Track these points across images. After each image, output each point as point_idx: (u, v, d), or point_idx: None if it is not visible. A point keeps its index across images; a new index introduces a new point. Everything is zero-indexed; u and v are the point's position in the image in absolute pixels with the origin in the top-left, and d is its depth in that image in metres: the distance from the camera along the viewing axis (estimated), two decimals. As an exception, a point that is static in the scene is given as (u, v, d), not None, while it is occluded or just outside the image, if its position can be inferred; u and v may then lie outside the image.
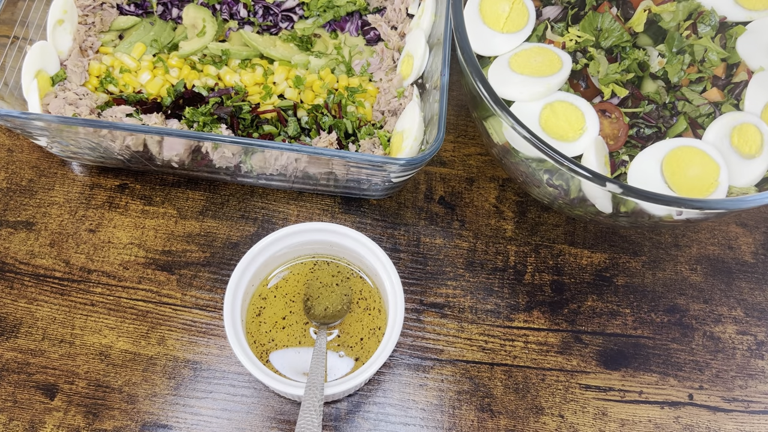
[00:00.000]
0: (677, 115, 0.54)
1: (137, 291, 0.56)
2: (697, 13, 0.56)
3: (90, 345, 0.54)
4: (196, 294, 0.56)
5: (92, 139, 0.53)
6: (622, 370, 0.55)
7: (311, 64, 0.62)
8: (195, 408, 0.52)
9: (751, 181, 0.51)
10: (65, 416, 0.52)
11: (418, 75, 0.59)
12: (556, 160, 0.44)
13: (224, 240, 0.59)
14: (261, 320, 0.51)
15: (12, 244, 0.58)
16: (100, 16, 0.63)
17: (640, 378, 0.55)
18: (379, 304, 0.52)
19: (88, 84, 0.60)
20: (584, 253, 0.60)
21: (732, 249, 0.61)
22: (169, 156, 0.55)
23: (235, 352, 0.46)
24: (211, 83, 0.60)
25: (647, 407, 0.54)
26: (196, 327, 0.55)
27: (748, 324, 0.58)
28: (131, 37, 0.62)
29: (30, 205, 0.60)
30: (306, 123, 0.58)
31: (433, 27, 0.60)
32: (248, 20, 0.64)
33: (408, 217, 0.60)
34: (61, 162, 0.62)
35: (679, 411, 0.54)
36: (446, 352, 0.55)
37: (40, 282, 0.57)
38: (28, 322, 0.55)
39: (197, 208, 0.60)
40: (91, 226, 0.59)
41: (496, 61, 0.54)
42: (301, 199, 0.61)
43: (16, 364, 0.53)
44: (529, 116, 0.51)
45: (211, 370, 0.54)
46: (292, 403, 0.53)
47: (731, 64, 0.55)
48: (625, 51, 0.55)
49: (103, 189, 0.61)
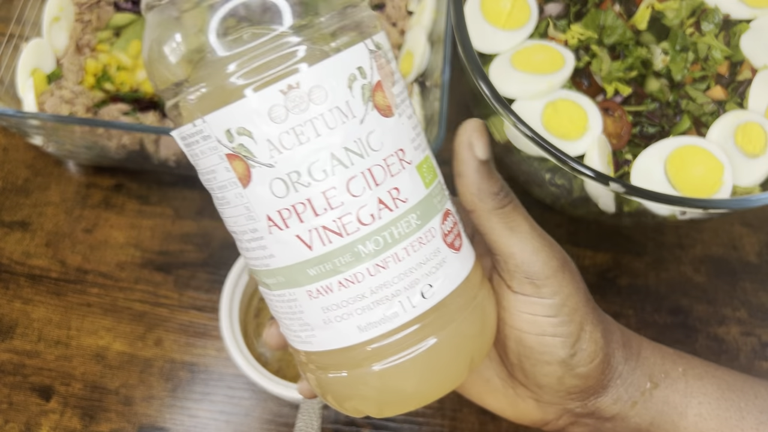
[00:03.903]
0: (681, 114, 0.53)
1: (134, 292, 0.56)
2: (700, 11, 0.56)
3: (86, 346, 0.54)
4: (193, 295, 0.56)
5: (88, 137, 0.53)
6: (624, 371, 0.55)
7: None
8: (192, 410, 0.52)
9: (755, 180, 0.51)
10: (61, 418, 0.51)
11: (419, 73, 0.59)
12: (559, 158, 0.43)
13: (222, 240, 0.58)
14: (259, 322, 0.50)
15: (7, 244, 0.57)
16: (97, 13, 0.62)
17: (643, 380, 0.55)
18: (379, 305, 0.51)
19: (85, 82, 0.59)
20: (587, 253, 0.59)
21: (736, 249, 0.60)
22: (165, 155, 0.55)
23: (233, 354, 0.45)
24: (208, 81, 0.60)
25: (650, 409, 0.54)
26: (194, 328, 0.55)
27: (752, 325, 0.57)
28: (127, 34, 0.62)
29: (25, 205, 0.59)
30: (305, 121, 0.58)
31: (434, 24, 0.59)
32: (246, 18, 0.63)
33: (408, 216, 0.60)
34: (57, 161, 0.61)
35: (683, 413, 0.53)
36: (447, 353, 0.55)
37: (36, 282, 0.56)
38: (24, 323, 0.54)
39: (194, 207, 0.60)
40: (87, 225, 0.58)
41: (497, 58, 0.53)
42: (300, 199, 0.61)
43: (12, 365, 0.53)
44: (531, 114, 0.50)
45: (209, 372, 0.53)
46: (291, 406, 0.52)
47: (735, 62, 0.55)
48: (628, 48, 0.55)
49: (99, 188, 0.60)
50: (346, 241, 0.26)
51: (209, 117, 0.25)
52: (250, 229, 0.27)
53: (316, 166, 0.25)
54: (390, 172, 0.26)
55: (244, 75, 0.25)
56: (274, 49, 0.25)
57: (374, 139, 0.26)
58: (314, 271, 0.26)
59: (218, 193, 0.28)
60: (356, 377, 0.28)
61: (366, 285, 0.26)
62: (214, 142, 0.26)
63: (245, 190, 0.26)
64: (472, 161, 0.29)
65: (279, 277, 0.27)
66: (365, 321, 0.27)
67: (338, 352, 0.28)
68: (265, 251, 0.27)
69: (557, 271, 0.30)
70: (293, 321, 0.28)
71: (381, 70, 0.27)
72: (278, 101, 0.25)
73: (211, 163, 0.26)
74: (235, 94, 0.25)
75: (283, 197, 0.25)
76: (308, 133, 0.25)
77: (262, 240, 0.27)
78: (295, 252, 0.26)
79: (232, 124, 0.25)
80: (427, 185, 0.28)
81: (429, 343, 0.27)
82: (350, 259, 0.26)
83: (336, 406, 0.30)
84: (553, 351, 0.30)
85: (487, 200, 0.30)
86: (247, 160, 0.25)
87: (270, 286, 0.28)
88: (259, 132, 0.25)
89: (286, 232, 0.26)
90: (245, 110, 0.25)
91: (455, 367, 0.29)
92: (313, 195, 0.25)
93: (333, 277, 0.26)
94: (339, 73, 0.25)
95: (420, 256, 0.27)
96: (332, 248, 0.26)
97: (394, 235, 0.26)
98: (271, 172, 0.25)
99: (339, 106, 0.25)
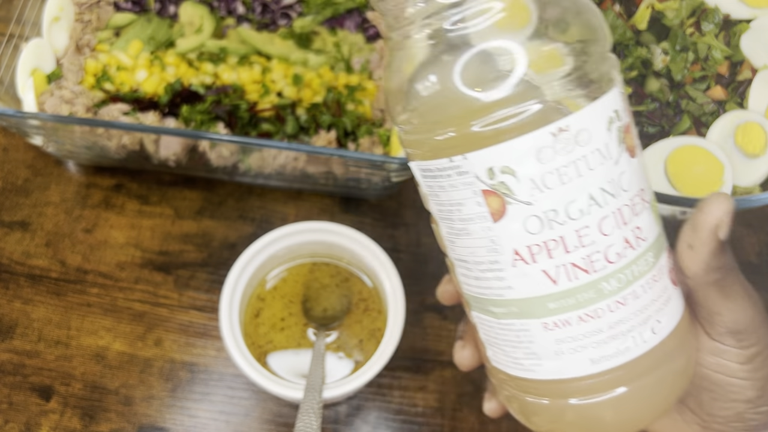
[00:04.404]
0: (681, 114, 0.53)
1: (134, 292, 0.56)
2: (700, 11, 0.56)
3: (86, 346, 0.54)
4: (193, 295, 0.56)
5: (88, 137, 0.53)
6: (624, 371, 0.55)
7: (310, 61, 0.61)
8: (192, 410, 0.52)
9: (755, 180, 0.51)
10: (61, 418, 0.51)
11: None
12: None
13: (222, 240, 0.58)
14: (259, 322, 0.50)
15: (7, 244, 0.57)
16: (97, 13, 0.62)
17: (643, 380, 0.54)
18: (379, 305, 0.51)
19: (85, 82, 0.59)
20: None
21: (736, 249, 0.60)
22: (165, 155, 0.55)
23: (232, 354, 0.45)
24: (208, 81, 0.59)
25: (650, 409, 0.53)
26: (194, 328, 0.55)
27: (752, 325, 0.57)
28: (128, 34, 0.62)
29: (25, 205, 0.59)
30: (305, 121, 0.58)
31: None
32: (246, 17, 0.63)
33: (408, 217, 0.60)
34: (57, 161, 0.61)
35: (683, 413, 0.53)
36: (447, 353, 0.55)
37: (36, 282, 0.56)
38: (24, 323, 0.54)
39: (194, 207, 0.59)
40: (87, 225, 0.58)
41: (497, 58, 0.53)
42: (300, 199, 0.60)
43: (12, 365, 0.53)
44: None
45: (209, 372, 0.53)
46: (291, 406, 0.52)
47: (735, 62, 0.55)
48: (628, 48, 0.55)
49: (99, 188, 0.60)
50: (591, 278, 0.27)
51: (472, 155, 0.26)
52: (489, 261, 0.28)
53: (573, 206, 0.26)
54: (634, 211, 0.27)
55: (515, 117, 0.25)
56: (549, 93, 0.25)
57: (625, 180, 0.27)
58: (555, 304, 0.27)
59: (458, 224, 0.28)
60: (558, 407, 0.29)
61: (604, 320, 0.27)
62: (471, 178, 0.26)
63: (495, 225, 0.27)
64: (711, 242, 0.29)
65: (512, 308, 0.28)
66: (599, 354, 0.27)
67: (554, 381, 0.29)
68: (502, 282, 0.28)
69: (760, 326, 0.31)
70: (517, 349, 0.29)
71: (628, 112, 0.28)
72: (547, 143, 0.25)
73: (460, 196, 0.27)
74: (505, 135, 0.25)
75: (535, 233, 0.26)
76: (571, 174, 0.26)
77: (502, 272, 0.28)
78: (537, 285, 0.27)
79: (496, 162, 0.26)
80: (658, 223, 0.29)
81: (643, 381, 0.28)
82: (593, 295, 0.27)
83: (532, 426, 0.32)
84: (740, 391, 0.31)
85: (711, 274, 0.30)
86: (504, 197, 0.26)
87: (497, 314, 0.29)
88: (523, 171, 0.26)
89: (533, 267, 0.27)
90: (513, 150, 0.25)
91: (659, 403, 0.29)
92: (567, 233, 0.26)
93: (573, 312, 0.27)
94: (601, 116, 0.26)
95: (653, 293, 0.28)
96: (577, 284, 0.27)
97: (634, 273, 0.27)
98: (528, 209, 0.26)
99: (599, 148, 0.26)
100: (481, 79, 0.25)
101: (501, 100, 0.25)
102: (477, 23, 0.25)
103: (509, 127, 0.25)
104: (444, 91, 0.26)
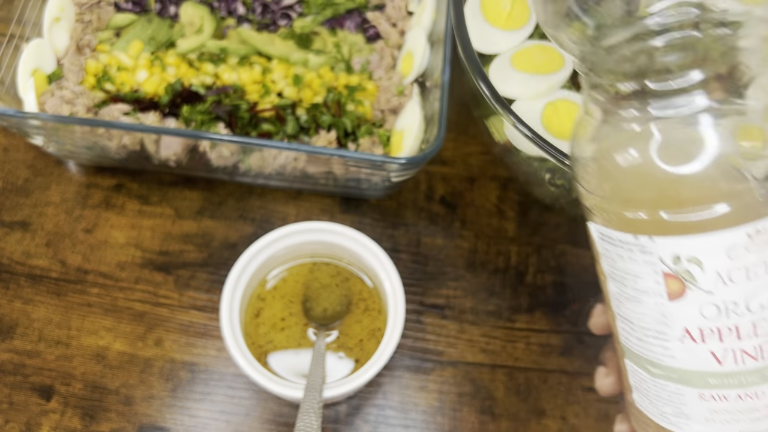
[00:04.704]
0: (681, 114, 0.53)
1: (134, 292, 0.56)
2: (700, 11, 0.56)
3: (86, 346, 0.54)
4: (193, 295, 0.56)
5: (89, 138, 0.53)
6: (624, 371, 0.55)
7: (310, 62, 0.61)
8: (192, 410, 0.52)
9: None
10: (61, 418, 0.51)
11: (419, 73, 0.59)
12: (559, 159, 0.43)
13: (222, 240, 0.58)
14: (259, 321, 0.50)
15: (8, 244, 0.57)
16: (97, 13, 0.62)
17: (643, 380, 0.55)
18: (379, 305, 0.51)
19: (85, 82, 0.59)
20: (587, 253, 0.59)
21: None
22: (166, 155, 0.55)
23: (233, 353, 0.45)
24: (208, 81, 0.59)
25: (650, 409, 0.54)
26: (194, 328, 0.55)
27: (752, 325, 0.57)
28: (128, 35, 0.62)
29: (26, 205, 0.59)
30: (305, 122, 0.58)
31: (434, 24, 0.59)
32: (246, 18, 0.63)
33: (408, 217, 0.60)
34: (57, 161, 0.61)
35: (683, 413, 0.53)
36: (447, 353, 0.55)
37: (36, 282, 0.56)
38: (24, 323, 0.54)
39: (194, 207, 0.60)
40: (87, 226, 0.58)
41: (497, 59, 0.53)
42: (300, 199, 0.61)
43: (12, 365, 0.53)
44: (530, 115, 0.50)
45: (209, 371, 0.53)
46: (291, 406, 0.52)
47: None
48: (628, 49, 0.55)
49: (100, 188, 0.60)
50: (759, 365, 0.27)
51: (660, 239, 0.27)
52: (656, 330, 0.29)
53: (755, 300, 0.26)
54: None
55: (707, 213, 0.26)
56: (747, 195, 0.26)
57: None
58: (716, 381, 0.28)
59: (631, 291, 0.29)
60: None
61: (763, 402, 0.28)
62: (655, 259, 0.27)
63: (670, 303, 0.27)
64: None
65: (671, 374, 0.29)
66: (750, 429, 0.28)
67: None
68: (666, 351, 0.29)
69: None
70: (667, 405, 0.30)
71: None
72: (741, 242, 0.26)
73: (639, 270, 0.28)
74: (697, 228, 0.26)
75: (710, 319, 0.27)
76: (758, 272, 0.26)
77: (668, 342, 0.28)
78: (701, 362, 0.28)
79: (684, 251, 0.26)
80: None
81: None
82: (757, 379, 0.27)
83: None
84: None
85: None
86: (686, 283, 0.27)
87: (653, 373, 0.30)
88: (711, 264, 0.26)
89: (701, 346, 0.28)
90: (704, 244, 0.26)
91: None
92: (743, 323, 0.27)
93: (733, 390, 0.28)
94: None
95: None
96: (743, 369, 0.27)
97: None
98: (708, 297, 0.27)
99: None
100: (697, 180, 0.26)
101: (705, 197, 0.26)
102: (716, 133, 0.26)
103: (707, 221, 0.26)
104: (647, 175, 0.26)
